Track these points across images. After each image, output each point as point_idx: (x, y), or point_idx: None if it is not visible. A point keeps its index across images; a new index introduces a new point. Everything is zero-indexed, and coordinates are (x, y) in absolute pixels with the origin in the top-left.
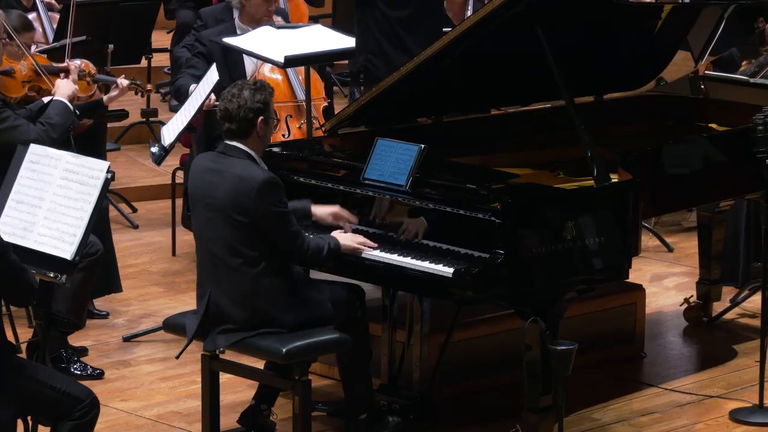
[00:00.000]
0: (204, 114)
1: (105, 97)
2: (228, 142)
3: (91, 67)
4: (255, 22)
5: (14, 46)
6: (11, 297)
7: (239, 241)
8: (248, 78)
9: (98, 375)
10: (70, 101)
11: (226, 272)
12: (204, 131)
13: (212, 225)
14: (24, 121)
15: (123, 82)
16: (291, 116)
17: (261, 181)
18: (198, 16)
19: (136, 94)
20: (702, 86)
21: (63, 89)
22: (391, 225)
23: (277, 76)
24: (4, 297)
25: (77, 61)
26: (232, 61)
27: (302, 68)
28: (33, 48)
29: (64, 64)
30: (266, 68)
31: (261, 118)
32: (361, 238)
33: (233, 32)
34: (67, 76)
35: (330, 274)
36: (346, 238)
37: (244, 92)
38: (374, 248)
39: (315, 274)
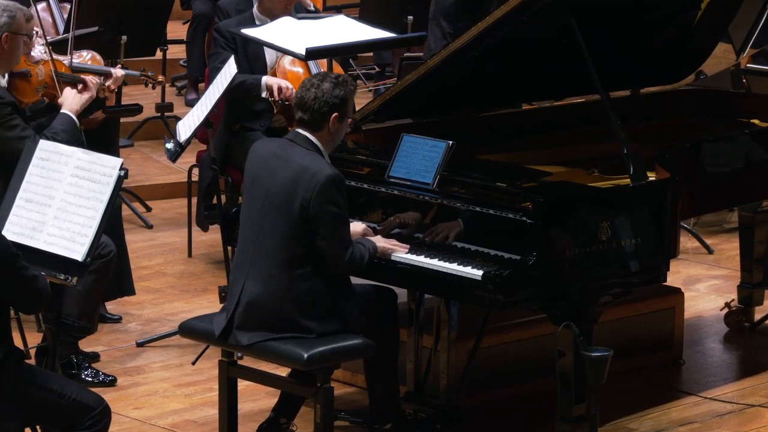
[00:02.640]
0: (225, 106)
1: (71, 113)
2: (299, 130)
3: (111, 81)
4: (273, 16)
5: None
6: (20, 305)
7: (292, 234)
8: (268, 70)
9: (110, 382)
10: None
11: (269, 266)
12: (224, 126)
13: (267, 214)
14: (32, 134)
15: (118, 72)
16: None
17: (326, 175)
18: (217, 8)
19: (147, 86)
20: (744, 80)
21: (70, 102)
22: (416, 225)
23: (298, 69)
24: (12, 305)
25: (96, 79)
26: (252, 53)
27: (324, 61)
28: (40, 40)
29: (82, 77)
30: (286, 60)
31: (335, 114)
32: (394, 241)
33: (251, 23)
34: (84, 89)
35: (355, 276)
36: (380, 240)
37: (324, 84)
38: (406, 250)
39: None
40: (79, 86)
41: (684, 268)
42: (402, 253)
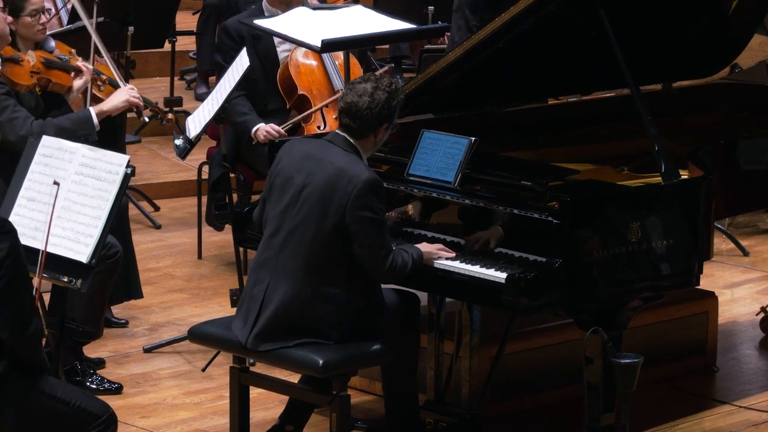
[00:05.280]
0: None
1: (95, 110)
2: (339, 132)
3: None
4: (285, 5)
5: (29, 21)
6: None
7: (323, 238)
8: (280, 64)
9: (116, 389)
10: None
11: (296, 270)
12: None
13: (298, 215)
14: (23, 115)
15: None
16: (327, 106)
17: (364, 180)
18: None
19: (156, 118)
20: None
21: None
22: (437, 225)
23: (312, 62)
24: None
25: (88, 64)
26: (262, 50)
27: (339, 54)
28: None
29: (76, 64)
30: (299, 53)
31: (385, 125)
32: (440, 245)
33: (261, 16)
34: (78, 76)
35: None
36: (425, 247)
37: (377, 93)
38: (453, 255)
39: None
40: (72, 74)
41: (718, 270)
42: (445, 260)
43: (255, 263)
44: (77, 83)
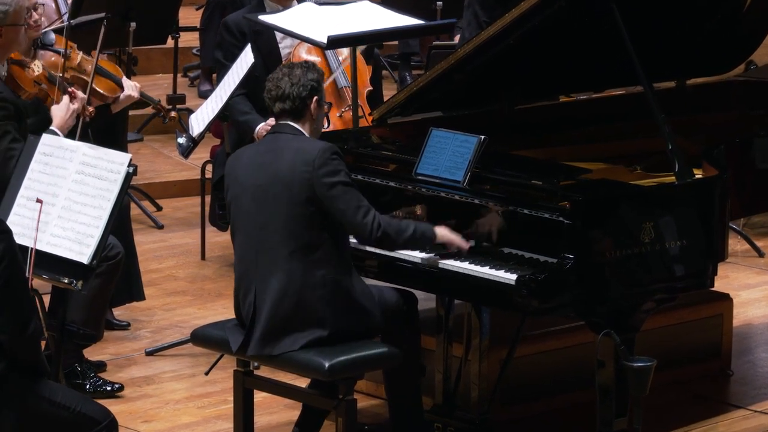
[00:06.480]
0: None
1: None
2: (280, 121)
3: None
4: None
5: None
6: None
7: (297, 220)
8: (283, 62)
9: (117, 389)
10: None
11: (276, 261)
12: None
13: (264, 209)
14: (20, 147)
15: (129, 83)
16: (331, 104)
17: (321, 148)
18: None
19: (159, 115)
20: None
21: (57, 117)
22: (446, 225)
23: (315, 59)
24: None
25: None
26: (265, 47)
27: (343, 51)
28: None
29: (71, 90)
30: (302, 49)
31: (315, 97)
32: (459, 237)
33: (261, 11)
34: (72, 99)
35: (377, 279)
36: (443, 230)
37: (295, 70)
38: (467, 247)
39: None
40: (65, 96)
41: (733, 272)
42: (453, 261)
43: (236, 280)
44: (69, 110)
